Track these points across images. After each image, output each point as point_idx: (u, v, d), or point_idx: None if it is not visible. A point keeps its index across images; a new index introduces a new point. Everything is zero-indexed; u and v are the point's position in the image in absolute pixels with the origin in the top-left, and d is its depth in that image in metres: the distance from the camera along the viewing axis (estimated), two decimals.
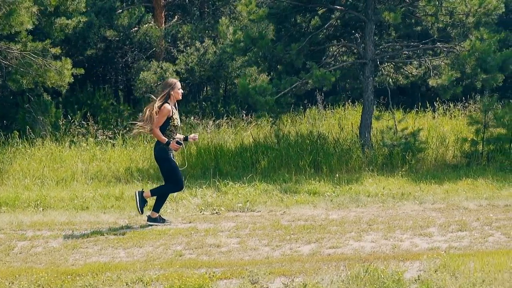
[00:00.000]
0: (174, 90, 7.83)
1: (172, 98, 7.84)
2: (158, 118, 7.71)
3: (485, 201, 9.13)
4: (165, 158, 7.89)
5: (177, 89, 7.87)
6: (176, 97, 7.88)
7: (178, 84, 7.93)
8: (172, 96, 7.82)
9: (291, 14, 12.22)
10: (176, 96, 7.87)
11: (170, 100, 7.83)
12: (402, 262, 6.36)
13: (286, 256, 6.76)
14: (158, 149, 7.92)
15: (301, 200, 9.32)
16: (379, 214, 8.52)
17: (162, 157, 7.91)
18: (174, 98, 7.87)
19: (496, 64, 11.44)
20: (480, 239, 7.22)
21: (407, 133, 11.87)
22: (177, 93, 7.87)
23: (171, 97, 7.82)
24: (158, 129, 7.76)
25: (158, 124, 7.73)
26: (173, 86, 7.83)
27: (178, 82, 7.98)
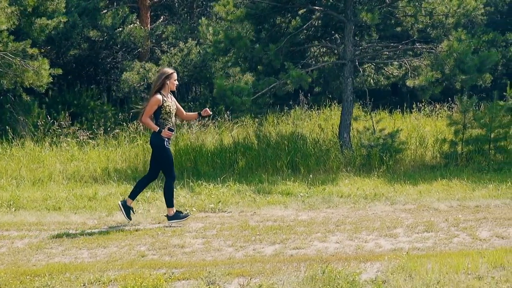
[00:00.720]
0: (170, 80, 7.84)
1: (167, 88, 7.85)
2: (147, 108, 7.77)
3: (457, 202, 9.12)
4: (161, 145, 7.89)
5: (173, 79, 7.89)
6: (171, 87, 7.90)
7: (174, 75, 7.95)
8: (167, 85, 7.83)
9: (270, 15, 12.23)
10: (171, 86, 7.89)
11: (165, 89, 7.83)
12: (363, 263, 6.34)
13: (248, 257, 6.74)
14: (153, 136, 7.93)
15: (273, 200, 9.32)
16: (348, 215, 8.51)
17: (158, 144, 7.90)
18: (169, 87, 7.87)
19: (474, 65, 11.43)
20: (445, 240, 7.22)
21: (385, 134, 11.87)
22: (172, 83, 7.89)
23: (166, 87, 7.82)
24: (147, 119, 7.82)
25: (147, 113, 7.79)
26: (169, 76, 7.83)
27: (174, 73, 8.00)
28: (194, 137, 13.29)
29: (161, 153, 7.94)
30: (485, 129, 12.09)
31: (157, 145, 7.92)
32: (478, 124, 12.15)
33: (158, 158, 8.02)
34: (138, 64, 15.15)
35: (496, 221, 7.97)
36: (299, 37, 12.68)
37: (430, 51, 12.24)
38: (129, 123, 13.77)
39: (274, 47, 11.59)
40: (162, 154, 7.95)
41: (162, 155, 7.95)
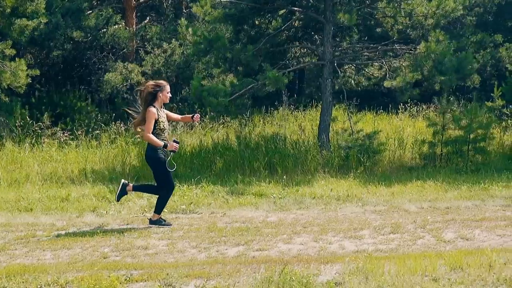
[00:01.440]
0: (163, 92, 7.78)
1: (160, 100, 7.79)
2: (147, 124, 7.65)
3: (428, 203, 9.12)
4: (157, 158, 7.84)
5: (166, 92, 7.82)
6: (164, 100, 7.83)
7: (167, 87, 7.88)
8: (160, 98, 7.77)
9: (249, 16, 12.21)
10: (164, 99, 7.82)
11: (157, 102, 7.76)
12: (323, 265, 6.33)
13: (211, 258, 6.74)
14: (150, 149, 7.86)
15: (245, 202, 9.31)
16: (317, 217, 8.50)
17: (154, 158, 7.85)
18: (161, 100, 7.81)
19: (452, 66, 11.42)
20: (409, 241, 7.21)
21: (363, 135, 11.86)
22: (165, 96, 7.82)
23: (158, 99, 7.76)
24: (150, 134, 7.70)
25: (148, 130, 7.67)
26: (162, 88, 7.77)
27: (168, 85, 7.93)
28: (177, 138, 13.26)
29: (158, 166, 7.86)
30: (464, 130, 12.07)
31: (154, 158, 7.86)
32: (457, 125, 12.13)
33: (155, 171, 7.97)
34: (121, 65, 15.13)
35: (464, 222, 7.96)
36: (279, 38, 12.69)
37: (409, 52, 12.23)
38: (111, 124, 13.75)
39: (252, 48, 11.58)
40: (160, 166, 7.86)
41: (159, 168, 7.88)
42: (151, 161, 7.92)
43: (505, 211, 8.53)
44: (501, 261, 6.17)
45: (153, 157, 7.84)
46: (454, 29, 23.64)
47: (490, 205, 8.92)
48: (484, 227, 7.67)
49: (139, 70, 15.29)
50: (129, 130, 13.61)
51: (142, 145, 12.37)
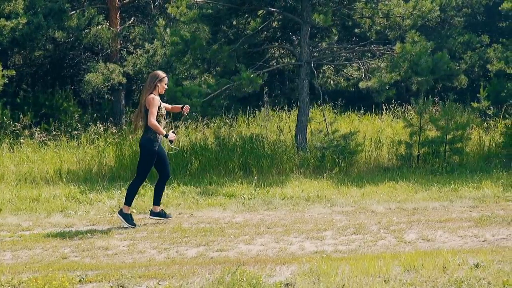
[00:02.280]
0: (161, 83, 7.96)
1: (157, 90, 7.96)
2: (151, 109, 7.79)
3: (397, 204, 9.11)
4: (150, 149, 7.96)
5: (164, 83, 8.02)
6: (160, 90, 8.03)
7: (165, 79, 8.09)
8: (158, 88, 7.94)
9: (226, 16, 12.21)
10: (161, 89, 8.02)
11: (156, 92, 7.94)
12: (279, 266, 6.33)
13: (169, 259, 6.74)
14: (146, 138, 7.97)
15: (214, 202, 9.30)
16: (284, 217, 8.50)
17: (148, 148, 7.96)
18: (158, 90, 7.98)
19: (427, 66, 11.42)
20: (370, 242, 7.21)
21: (338, 136, 11.85)
22: (162, 87, 8.02)
23: (156, 89, 7.93)
24: (155, 121, 7.80)
25: (153, 115, 7.78)
26: (161, 79, 7.96)
27: (166, 77, 8.13)
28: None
29: (148, 156, 7.99)
30: (441, 131, 12.07)
31: (147, 148, 7.98)
32: (433, 126, 12.13)
33: (142, 158, 8.08)
34: (102, 65, 15.12)
35: (428, 223, 7.96)
36: (257, 39, 12.68)
37: (386, 52, 12.23)
38: (91, 125, 13.75)
39: (228, 48, 11.58)
40: (149, 157, 8.00)
41: (148, 158, 8.01)
42: (144, 150, 8.04)
43: (471, 212, 8.53)
44: (457, 262, 6.17)
45: (147, 147, 7.99)
46: (441, 30, 23.67)
47: (458, 206, 8.91)
48: (447, 228, 7.67)
49: (120, 70, 15.27)
50: (108, 130, 13.62)
51: (119, 146, 12.42)
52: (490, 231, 7.49)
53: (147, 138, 7.96)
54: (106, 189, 10.16)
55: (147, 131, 7.97)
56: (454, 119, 12.16)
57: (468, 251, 6.63)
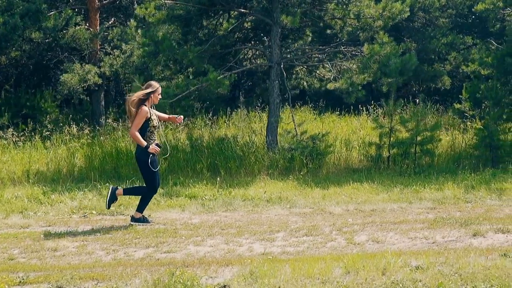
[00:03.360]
0: (154, 94, 7.99)
1: (150, 100, 7.99)
2: (136, 120, 7.83)
3: (356, 205, 9.10)
4: (146, 161, 7.93)
5: (157, 93, 8.06)
6: (154, 101, 8.06)
7: (159, 89, 8.14)
8: (151, 98, 7.98)
9: (196, 17, 12.20)
10: (154, 100, 8.05)
11: (148, 102, 7.95)
12: (223, 267, 6.33)
13: (115, 260, 6.74)
14: (139, 151, 7.97)
15: (174, 204, 9.30)
16: (240, 219, 8.50)
17: (143, 159, 7.95)
18: (152, 100, 8.01)
19: (396, 68, 11.41)
20: (320, 244, 7.21)
21: (307, 137, 11.85)
22: (156, 97, 8.07)
23: (149, 99, 7.96)
24: (137, 132, 7.85)
25: (136, 126, 7.84)
26: (155, 90, 7.99)
27: (160, 88, 8.18)
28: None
29: (146, 165, 7.97)
30: (410, 132, 12.06)
31: (142, 160, 7.97)
32: (403, 127, 12.12)
33: (143, 171, 8.08)
34: (78, 66, 15.12)
35: (382, 225, 7.95)
36: (228, 40, 12.66)
37: (356, 53, 12.23)
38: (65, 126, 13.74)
39: (196, 49, 11.57)
40: (147, 169, 7.98)
41: (148, 169, 7.98)
42: (140, 163, 8.03)
43: (428, 214, 8.52)
44: (399, 265, 6.18)
45: (142, 160, 7.97)
46: (425, 31, 23.67)
47: (416, 208, 8.90)
48: (399, 230, 7.66)
49: (96, 71, 15.26)
50: (84, 131, 13.61)
51: (89, 148, 12.42)
52: (441, 233, 7.48)
53: (141, 149, 7.96)
54: (69, 190, 10.15)
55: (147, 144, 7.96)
56: (424, 120, 12.13)
57: (413, 253, 6.63)
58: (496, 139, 12.08)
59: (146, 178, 8.09)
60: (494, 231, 7.45)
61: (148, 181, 8.10)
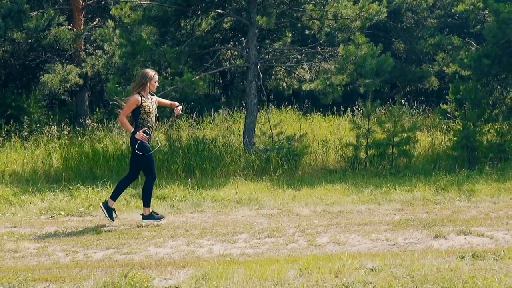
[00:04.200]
0: (151, 82, 8.05)
1: (147, 89, 8.06)
2: (124, 107, 7.97)
3: (325, 207, 9.08)
4: (134, 146, 7.95)
5: (153, 81, 8.11)
6: (151, 88, 8.13)
7: (155, 77, 8.19)
8: (147, 87, 8.04)
9: (173, 18, 12.18)
10: (151, 88, 8.12)
11: (145, 90, 8.02)
12: (179, 269, 6.31)
13: (73, 262, 6.73)
14: (133, 138, 8.00)
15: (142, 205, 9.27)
16: (206, 220, 8.48)
17: (133, 145, 7.98)
18: (148, 89, 8.08)
19: (371, 69, 11.39)
20: (280, 246, 7.19)
21: (282, 138, 11.83)
22: (152, 85, 8.12)
23: (146, 88, 8.03)
24: (124, 118, 7.98)
25: (124, 113, 7.98)
26: (150, 78, 8.03)
27: (156, 75, 8.22)
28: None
29: (142, 156, 8.00)
30: (387, 133, 12.05)
31: (132, 146, 8.02)
32: (381, 128, 12.11)
33: (140, 161, 8.09)
34: (59, 66, 15.11)
35: (346, 226, 7.93)
36: (206, 40, 12.65)
37: (332, 54, 12.21)
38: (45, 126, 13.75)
39: (173, 50, 11.56)
40: (144, 157, 8.02)
41: (144, 157, 8.02)
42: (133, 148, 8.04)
43: (395, 215, 8.49)
44: (355, 266, 6.16)
45: (132, 146, 8.00)
46: (413, 31, 23.65)
47: (384, 209, 8.87)
48: (362, 232, 7.64)
49: (77, 71, 15.25)
50: (62, 131, 13.60)
51: (66, 149, 12.40)
52: (403, 235, 7.46)
53: (134, 137, 7.97)
54: (41, 191, 10.14)
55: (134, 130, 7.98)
56: (401, 121, 12.11)
57: (372, 255, 6.61)
58: (473, 140, 12.06)
59: (144, 167, 8.12)
60: (456, 233, 7.43)
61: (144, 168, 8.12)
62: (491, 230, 7.56)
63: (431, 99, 21.11)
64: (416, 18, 23.85)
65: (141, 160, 8.06)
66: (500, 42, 11.76)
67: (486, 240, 7.19)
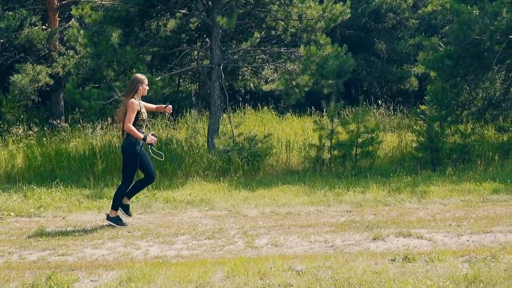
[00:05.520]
0: (142, 86, 8.02)
1: (139, 93, 8.03)
2: (128, 114, 7.86)
3: (273, 208, 9.04)
4: (132, 152, 7.97)
5: (144, 84, 8.08)
6: (143, 92, 8.09)
7: (146, 80, 8.15)
8: (140, 91, 8.01)
9: (136, 18, 12.15)
10: (143, 91, 8.08)
11: (137, 94, 8.00)
12: (109, 271, 6.30)
13: (7, 263, 6.70)
14: (127, 142, 7.98)
15: (93, 205, 9.26)
16: (153, 221, 8.45)
17: (130, 151, 7.97)
18: (140, 93, 8.04)
19: (332, 69, 11.37)
20: (218, 247, 7.16)
21: (244, 139, 11.81)
22: (144, 88, 8.09)
23: (138, 92, 8.00)
24: (131, 126, 7.87)
25: (130, 120, 7.87)
26: (141, 81, 8.01)
27: (146, 79, 8.19)
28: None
29: (131, 159, 8.01)
30: (350, 134, 12.02)
31: (129, 152, 7.99)
32: (344, 129, 12.09)
33: (126, 163, 8.09)
34: (29, 66, 15.09)
35: (290, 228, 7.91)
36: (171, 41, 12.62)
37: (296, 54, 12.19)
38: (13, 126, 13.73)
39: (134, 50, 11.54)
40: (132, 160, 8.01)
41: (131, 161, 8.02)
42: (126, 154, 8.05)
43: (341, 217, 8.45)
44: (284, 268, 6.15)
45: (128, 151, 8.00)
46: (394, 32, 23.63)
47: (332, 211, 8.84)
48: (303, 233, 7.62)
49: (47, 71, 15.23)
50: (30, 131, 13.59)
51: (30, 149, 12.38)
52: (343, 237, 7.43)
53: (128, 141, 7.97)
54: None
55: (129, 135, 7.97)
56: (364, 122, 12.09)
57: (302, 257, 6.59)
58: (436, 141, 12.03)
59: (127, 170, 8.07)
60: (396, 235, 7.40)
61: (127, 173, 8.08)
62: (431, 232, 7.53)
63: (409, 100, 21.09)
64: (398, 18, 23.83)
65: (129, 164, 8.03)
66: (463, 43, 11.72)
67: (424, 242, 7.16)
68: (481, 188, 9.85)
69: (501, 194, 9.50)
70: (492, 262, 6.25)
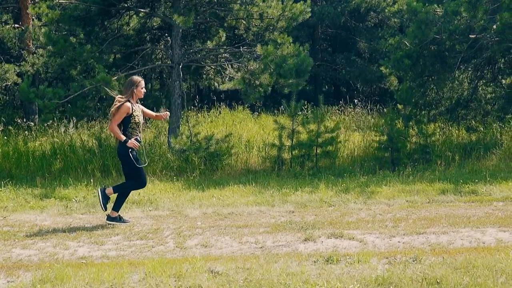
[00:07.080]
0: (137, 88, 7.95)
1: (135, 96, 7.98)
2: (115, 115, 7.82)
3: (216, 208, 8.99)
4: (127, 154, 7.93)
5: (140, 87, 8.01)
6: (138, 95, 8.02)
7: (142, 83, 8.09)
8: (135, 94, 7.95)
9: (96, 17, 12.12)
10: (138, 94, 8.01)
11: (133, 97, 7.95)
12: (29, 272, 6.26)
13: None
14: (121, 145, 7.94)
15: (36, 205, 9.24)
16: (92, 221, 8.41)
17: (124, 154, 7.94)
18: (136, 96, 7.99)
19: (290, 69, 11.31)
20: (147, 248, 7.12)
21: (200, 138, 11.77)
22: (139, 91, 8.01)
23: (134, 95, 7.94)
24: (115, 127, 7.84)
25: (116, 121, 7.83)
26: (137, 84, 7.95)
27: (142, 81, 8.13)
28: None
29: (127, 160, 7.96)
30: (310, 134, 11.97)
31: (123, 154, 7.96)
32: (304, 129, 12.04)
33: (124, 165, 8.07)
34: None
35: (226, 229, 7.86)
36: (132, 40, 12.59)
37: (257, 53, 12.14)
38: None
39: (93, 49, 11.51)
40: (128, 160, 7.96)
41: (128, 161, 7.96)
42: (121, 157, 8.02)
43: (282, 218, 8.40)
44: (203, 270, 6.11)
45: (122, 153, 7.96)
46: (375, 31, 23.55)
47: (275, 211, 8.79)
48: (237, 234, 7.57)
49: (15, 70, 15.22)
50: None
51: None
52: (275, 238, 7.38)
53: (121, 144, 7.93)
54: None
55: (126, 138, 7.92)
56: (325, 122, 12.03)
57: (225, 258, 6.54)
58: (396, 141, 11.98)
59: (128, 172, 8.05)
60: (328, 236, 7.36)
61: (131, 176, 8.04)
62: (365, 233, 7.48)
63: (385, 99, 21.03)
64: (379, 17, 23.77)
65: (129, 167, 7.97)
66: (423, 42, 11.66)
67: (354, 244, 7.11)
68: (430, 189, 9.79)
69: (448, 195, 9.44)
70: (413, 264, 6.20)
